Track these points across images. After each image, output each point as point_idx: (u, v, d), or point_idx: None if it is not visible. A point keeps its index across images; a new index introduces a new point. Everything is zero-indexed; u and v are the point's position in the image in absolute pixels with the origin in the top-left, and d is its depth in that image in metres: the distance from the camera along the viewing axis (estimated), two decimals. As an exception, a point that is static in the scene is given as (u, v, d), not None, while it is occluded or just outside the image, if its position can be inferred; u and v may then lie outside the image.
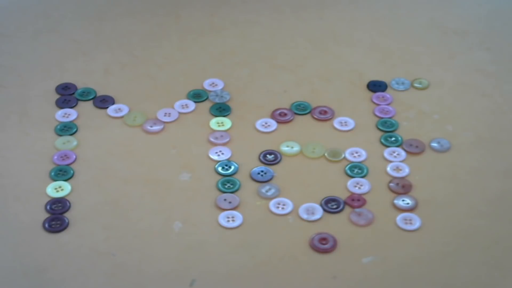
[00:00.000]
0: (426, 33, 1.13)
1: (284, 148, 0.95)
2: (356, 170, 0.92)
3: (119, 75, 1.05)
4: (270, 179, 0.91)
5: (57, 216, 0.86)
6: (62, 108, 1.00)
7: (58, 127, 0.97)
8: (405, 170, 0.92)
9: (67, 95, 1.02)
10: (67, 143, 0.95)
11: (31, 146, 0.95)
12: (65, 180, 0.90)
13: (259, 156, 0.94)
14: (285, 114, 0.99)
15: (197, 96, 1.02)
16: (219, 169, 0.92)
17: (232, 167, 0.92)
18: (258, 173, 0.92)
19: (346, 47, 1.10)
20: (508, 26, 1.14)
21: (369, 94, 1.03)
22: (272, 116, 0.99)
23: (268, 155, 0.94)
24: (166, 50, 1.10)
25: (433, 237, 0.85)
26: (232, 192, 0.89)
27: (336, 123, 0.98)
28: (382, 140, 0.96)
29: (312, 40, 1.12)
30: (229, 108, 1.00)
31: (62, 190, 0.89)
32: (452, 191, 0.90)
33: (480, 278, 0.82)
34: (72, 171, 0.91)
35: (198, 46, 1.10)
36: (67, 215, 0.87)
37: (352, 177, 0.91)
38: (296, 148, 0.95)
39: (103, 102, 1.01)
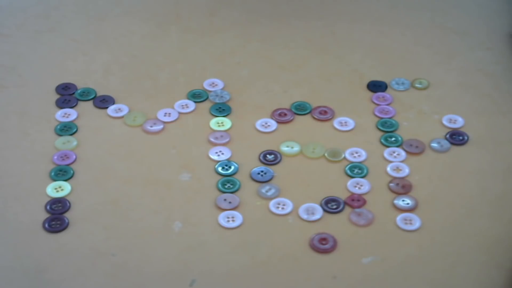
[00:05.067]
0: (426, 33, 1.13)
1: (284, 148, 0.95)
2: (356, 170, 0.92)
3: (119, 75, 1.05)
4: (270, 179, 0.91)
5: (57, 216, 0.86)
6: (62, 108, 1.00)
7: (58, 127, 0.97)
8: (405, 170, 0.92)
9: (67, 95, 1.02)
10: (67, 143, 0.95)
11: (31, 146, 0.95)
12: (65, 180, 0.90)
13: (259, 156, 0.94)
14: (285, 114, 0.99)
15: (197, 96, 1.02)
16: (219, 169, 0.92)
17: (232, 167, 0.92)
18: (258, 173, 0.92)
19: (346, 47, 1.10)
20: (508, 26, 1.14)
21: (369, 94, 1.03)
22: (272, 116, 0.99)
23: (268, 155, 0.94)
24: (166, 50, 1.10)
25: (433, 237, 0.85)
26: (232, 192, 0.89)
27: (336, 123, 0.98)
28: (382, 140, 0.96)
29: (312, 40, 1.12)
30: (229, 108, 1.00)
31: (62, 190, 0.89)
32: (452, 191, 0.90)
33: (480, 278, 0.82)
34: (72, 171, 0.91)
35: (198, 46, 1.10)
36: (67, 215, 0.87)
37: (352, 177, 0.91)
38: (296, 148, 0.95)
39: (103, 102, 1.01)
